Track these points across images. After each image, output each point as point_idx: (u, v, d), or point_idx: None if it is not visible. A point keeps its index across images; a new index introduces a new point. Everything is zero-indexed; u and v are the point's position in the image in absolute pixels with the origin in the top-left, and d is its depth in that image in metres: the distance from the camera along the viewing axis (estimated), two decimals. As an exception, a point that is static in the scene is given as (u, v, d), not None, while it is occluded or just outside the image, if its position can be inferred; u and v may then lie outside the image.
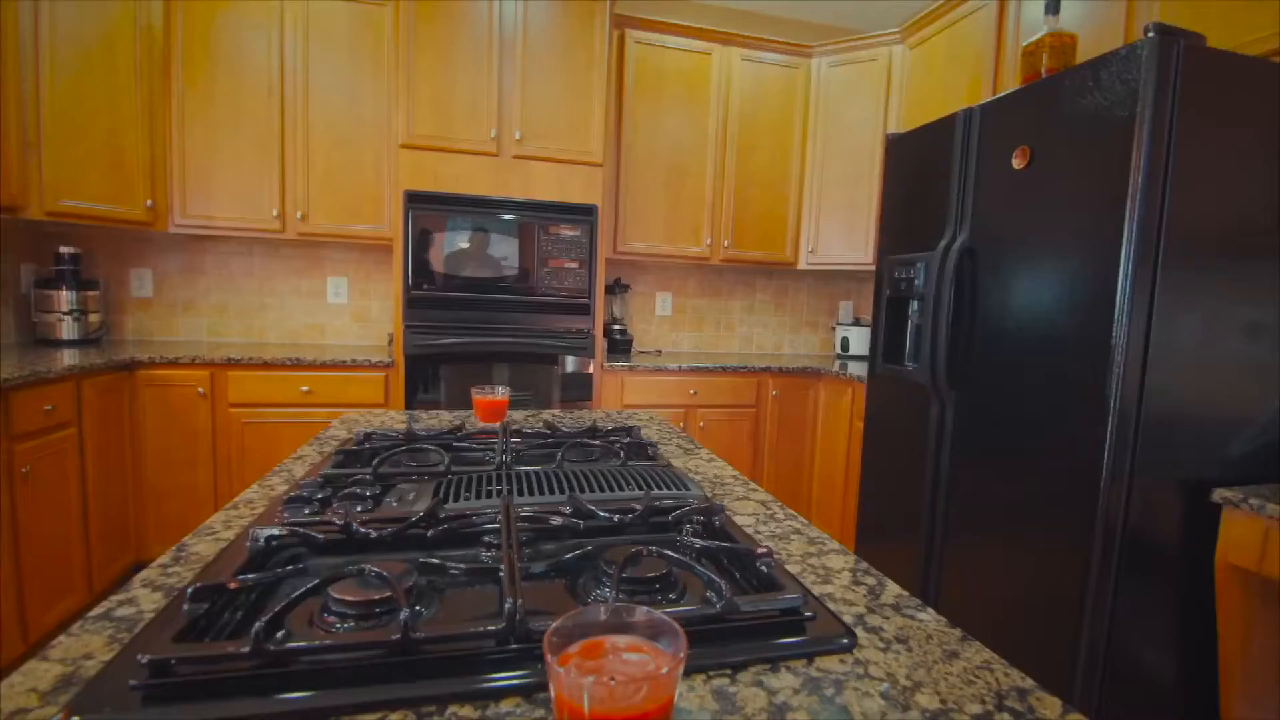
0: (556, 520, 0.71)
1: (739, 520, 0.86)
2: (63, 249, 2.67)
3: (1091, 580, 1.54)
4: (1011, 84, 2.42)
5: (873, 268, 3.26)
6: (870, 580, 0.69)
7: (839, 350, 3.67)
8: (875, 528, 2.47)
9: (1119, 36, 2.02)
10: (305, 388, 2.62)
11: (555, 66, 2.77)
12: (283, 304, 3.17)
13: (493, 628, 0.49)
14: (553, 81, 2.77)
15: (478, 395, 1.40)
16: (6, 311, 2.64)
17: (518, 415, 1.57)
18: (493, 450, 1.12)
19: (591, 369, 2.92)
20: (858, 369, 3.05)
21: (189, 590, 0.51)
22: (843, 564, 0.73)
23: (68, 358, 2.26)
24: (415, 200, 2.65)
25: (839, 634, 0.56)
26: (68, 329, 2.62)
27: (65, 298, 2.61)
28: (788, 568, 0.71)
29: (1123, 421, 1.50)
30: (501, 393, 1.42)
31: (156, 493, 2.52)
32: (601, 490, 0.85)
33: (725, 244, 3.37)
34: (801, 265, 3.50)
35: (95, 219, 2.49)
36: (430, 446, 1.00)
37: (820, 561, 0.73)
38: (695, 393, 3.08)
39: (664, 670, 0.35)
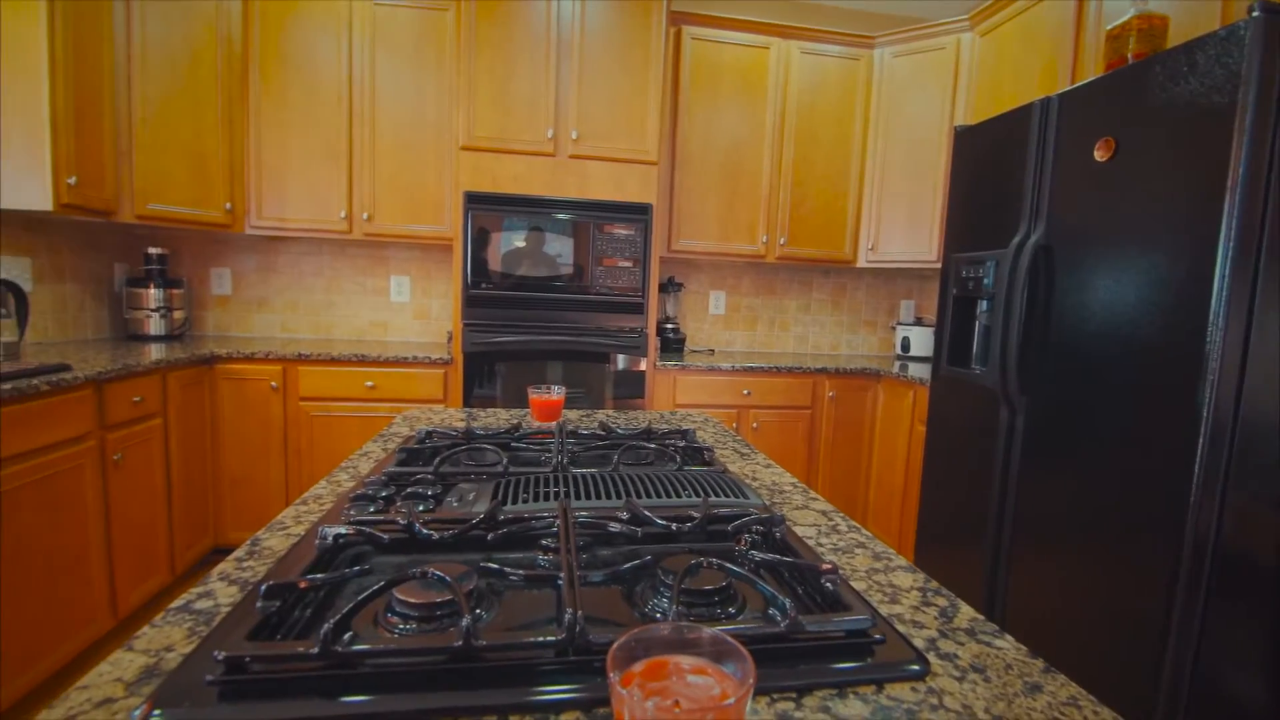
0: (615, 527, 0.70)
1: (799, 531, 0.84)
2: (151, 250, 2.85)
3: (1178, 600, 1.44)
4: (1092, 72, 2.28)
5: (937, 265, 3.14)
6: (941, 601, 0.65)
7: (899, 351, 3.55)
8: (936, 537, 2.38)
9: (1215, 18, 1.87)
10: (370, 383, 2.71)
11: (612, 66, 2.77)
12: (349, 302, 3.29)
13: (552, 639, 0.48)
14: (609, 81, 2.78)
15: (534, 395, 1.42)
16: (102, 308, 2.84)
17: (572, 415, 1.57)
18: (548, 450, 1.12)
19: (644, 368, 2.92)
20: (919, 370, 2.94)
21: (262, 588, 0.53)
22: (911, 582, 0.70)
23: (155, 352, 2.41)
24: (474, 201, 2.70)
25: (910, 660, 0.53)
26: (155, 325, 2.80)
27: (153, 295, 2.79)
28: (852, 584, 0.68)
29: (1217, 431, 1.39)
30: (557, 393, 1.43)
31: (232, 480, 2.66)
32: (658, 495, 0.84)
33: (781, 241, 3.31)
34: (860, 263, 3.40)
35: (180, 221, 2.65)
36: (489, 446, 1.01)
37: (887, 579, 0.70)
38: (748, 393, 3.03)
39: (730, 700, 0.34)
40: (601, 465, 1.04)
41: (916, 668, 0.52)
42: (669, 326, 3.40)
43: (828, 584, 0.60)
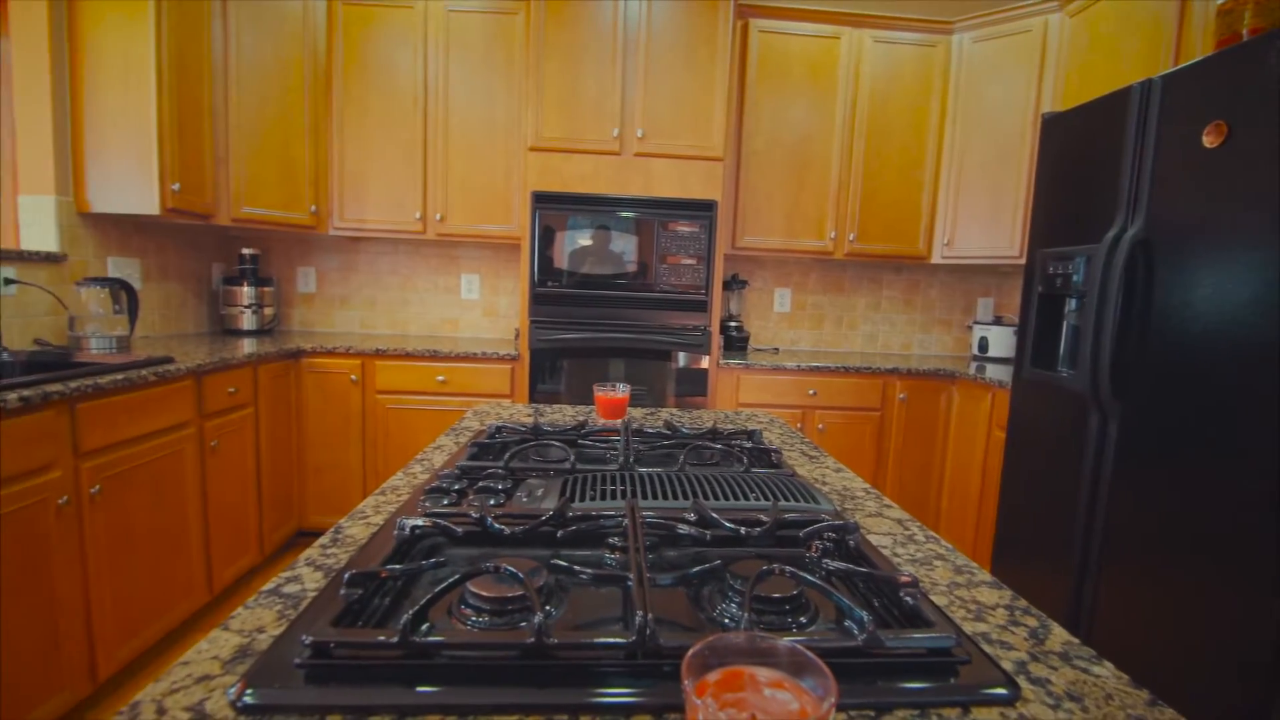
0: (684, 529, 0.69)
1: (873, 540, 0.81)
2: (244, 250, 3.05)
3: (1297, 633, 1.31)
4: (1199, 51, 2.10)
5: (1018, 261, 2.97)
6: (1031, 621, 0.62)
7: (976, 351, 3.39)
8: (1015, 550, 2.25)
9: (1352, -16, 1.68)
10: (441, 377, 2.80)
11: (678, 62, 2.76)
12: (422, 299, 3.42)
13: (623, 640, 0.48)
14: (674, 78, 2.76)
15: (600, 392, 1.43)
16: (201, 305, 3.05)
17: (636, 413, 1.58)
18: (614, 448, 1.13)
19: (707, 366, 2.89)
20: (998, 372, 2.79)
21: (345, 576, 0.55)
22: (996, 599, 0.66)
23: (247, 346, 2.57)
24: (542, 200, 2.75)
25: (998, 682, 0.50)
26: (247, 320, 2.99)
27: (246, 293, 2.97)
28: (932, 598, 0.65)
29: (1348, 447, 1.25)
30: (622, 390, 1.44)
31: (315, 468, 2.81)
32: (725, 498, 0.83)
33: (850, 237, 3.21)
34: (935, 259, 3.26)
35: (270, 223, 2.81)
36: (556, 443, 1.03)
37: (970, 594, 0.67)
38: (814, 393, 2.96)
39: (810, 719, 0.33)
40: (667, 465, 1.04)
41: (1005, 692, 0.49)
42: (732, 325, 3.36)
43: (907, 598, 0.57)
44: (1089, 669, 0.54)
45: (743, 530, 0.70)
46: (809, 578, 0.56)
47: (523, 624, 0.56)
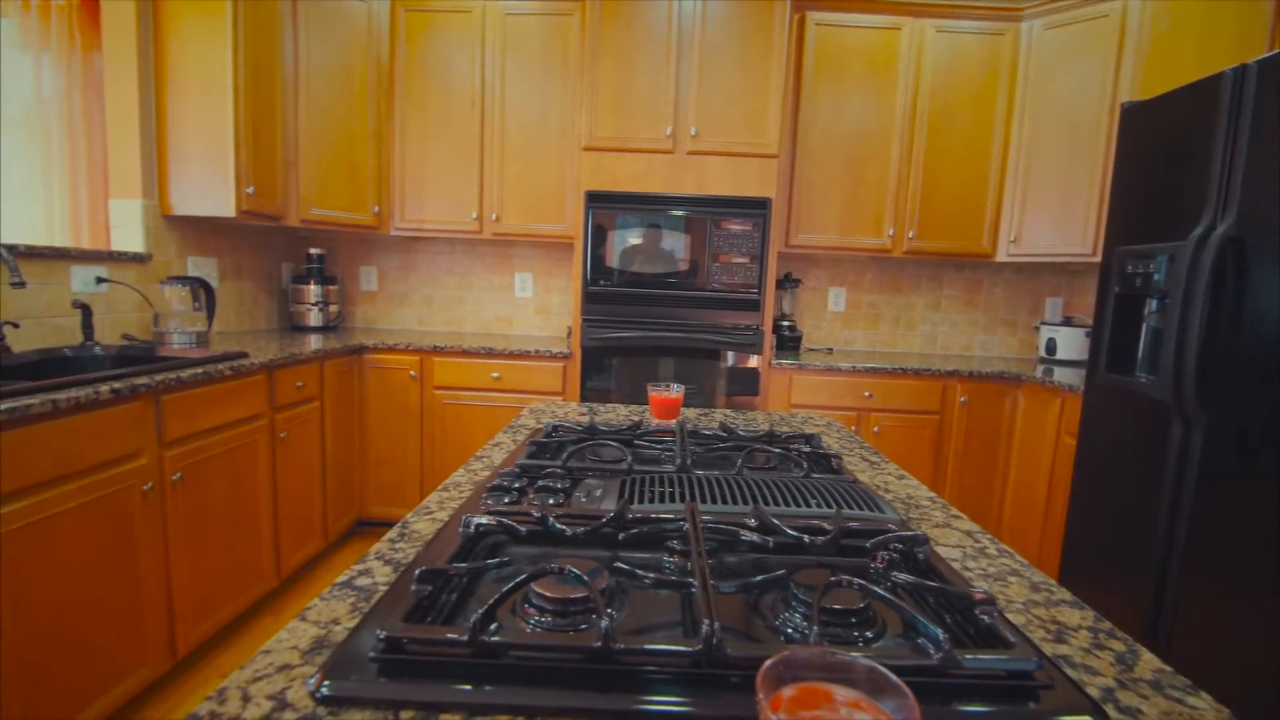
0: (747, 536, 0.68)
1: (941, 552, 0.78)
2: (312, 250, 3.18)
3: None
4: (1305, 30, 1.94)
5: (1091, 259, 2.83)
6: (1118, 645, 0.58)
7: (1043, 354, 3.24)
8: (1085, 564, 2.15)
9: None
10: (496, 374, 2.86)
11: (732, 59, 2.73)
12: (478, 297, 3.49)
13: (689, 649, 0.48)
14: (728, 75, 2.74)
15: (654, 392, 1.43)
16: (272, 302, 3.20)
17: (690, 413, 1.57)
18: (668, 449, 1.13)
19: (759, 366, 2.86)
20: (1067, 376, 2.66)
21: (416, 573, 0.57)
22: (1079, 620, 0.62)
23: (314, 342, 2.68)
24: (595, 200, 2.77)
25: (1083, 710, 0.47)
26: (314, 317, 3.12)
27: (313, 291, 3.10)
28: (1008, 617, 0.62)
29: None
30: (676, 391, 1.43)
31: (376, 460, 2.91)
32: (786, 504, 0.82)
33: (910, 235, 3.11)
34: (1000, 257, 3.13)
35: (335, 224, 2.92)
36: (612, 443, 1.03)
37: (1049, 614, 0.63)
38: (870, 395, 2.89)
39: (895, 744, 0.32)
40: (723, 467, 1.03)
41: (1092, 720, 0.46)
42: (785, 324, 3.31)
43: (983, 616, 0.55)
44: (1184, 700, 0.50)
45: (806, 538, 0.69)
46: (880, 591, 0.54)
47: (584, 626, 0.56)
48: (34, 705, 1.42)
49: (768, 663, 0.36)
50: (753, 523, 0.73)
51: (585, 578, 0.53)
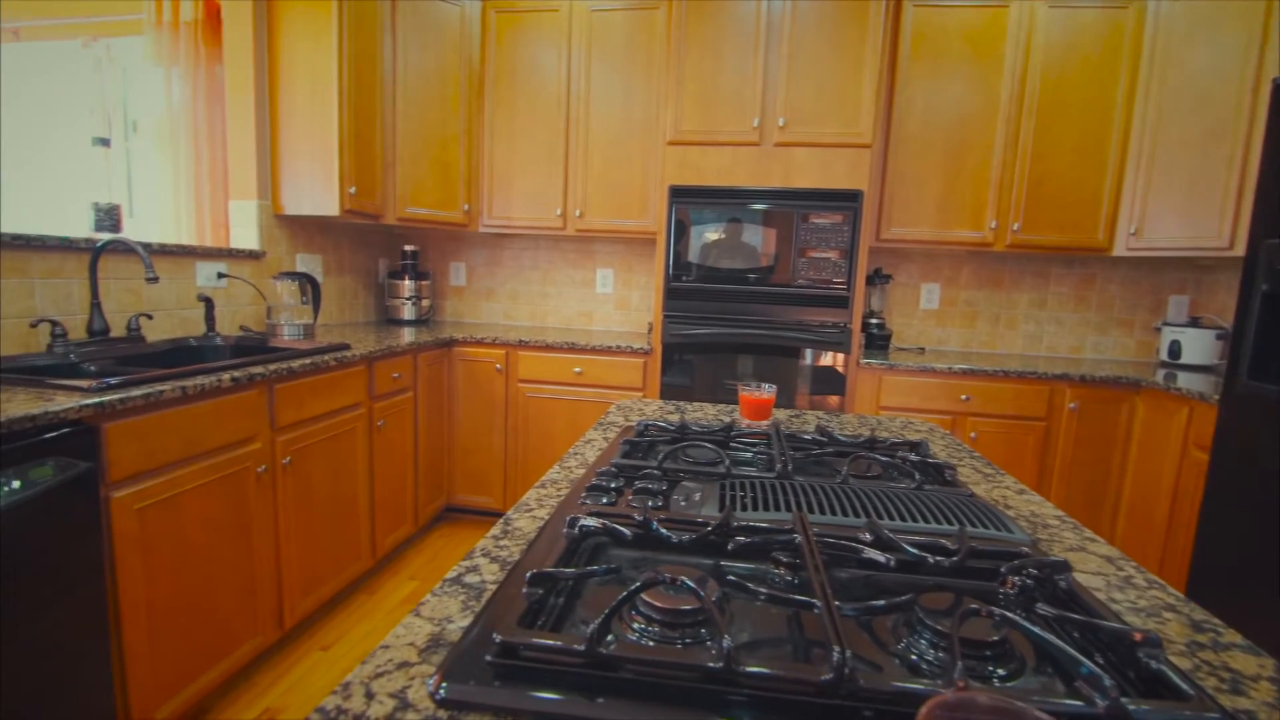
0: (869, 553, 0.64)
1: (1080, 579, 0.71)
2: (406, 247, 3.32)
3: None
4: None
5: (1227, 253, 2.54)
6: (1313, 703, 0.50)
7: (1165, 357, 2.96)
8: (1215, 590, 1.94)
9: None
10: (578, 369, 2.89)
11: (823, 47, 2.62)
12: (560, 293, 3.55)
13: (819, 678, 0.45)
14: (819, 62, 2.63)
15: (745, 392, 1.39)
16: (370, 296, 3.37)
17: (780, 414, 1.52)
18: (762, 452, 1.09)
19: (846, 365, 2.75)
20: (1194, 382, 2.41)
21: (527, 575, 0.56)
22: (1256, 668, 0.55)
23: (407, 335, 2.80)
24: (679, 195, 2.74)
25: (1286, 781, 0.41)
26: (407, 311, 3.26)
27: (407, 286, 3.24)
28: (1172, 660, 0.55)
29: None
30: (768, 391, 1.39)
31: (463, 449, 3.02)
32: (901, 518, 0.76)
33: (1014, 227, 2.91)
34: (1118, 250, 2.87)
35: (428, 222, 3.04)
36: (708, 445, 1.00)
37: (1219, 659, 0.56)
38: (967, 398, 2.72)
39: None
40: (825, 475, 0.98)
41: (1298, 795, 0.40)
42: (873, 322, 3.17)
43: (1148, 660, 0.49)
44: None
45: (930, 558, 0.64)
46: (1028, 625, 0.49)
47: (692, 640, 0.54)
48: (161, 669, 1.54)
49: (934, 703, 0.33)
50: (867, 537, 0.68)
51: (701, 593, 0.51)
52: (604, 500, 0.83)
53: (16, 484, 1.22)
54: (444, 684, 0.47)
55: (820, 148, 2.67)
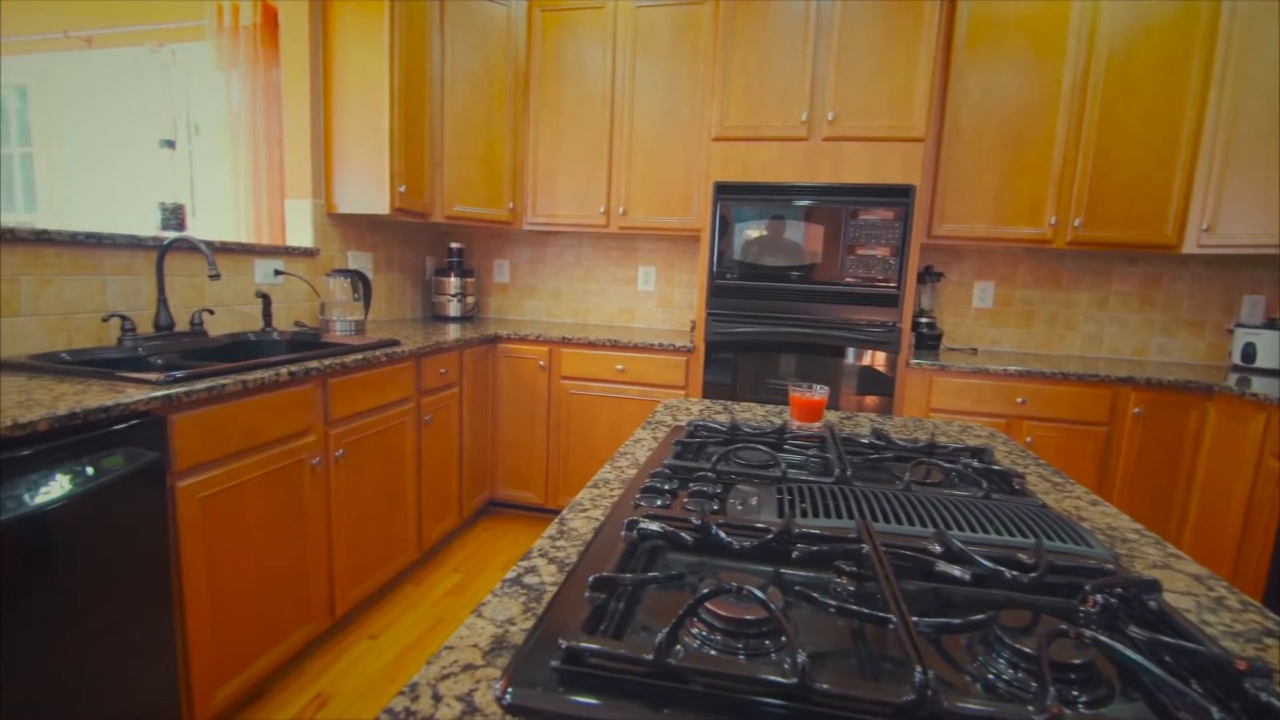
0: (945, 568, 0.61)
1: (1167, 599, 0.66)
2: (452, 244, 3.37)
3: None
4: None
5: (1318, 252, 2.39)
6: None
7: (1237, 360, 2.80)
8: (1303, 608, 1.81)
9: None
10: (620, 366, 2.89)
11: (876, 37, 2.56)
12: (602, 290, 3.55)
13: (899, 699, 0.43)
14: (872, 54, 2.57)
15: (796, 393, 1.36)
16: (417, 293, 3.44)
17: (832, 416, 1.49)
18: (814, 455, 1.06)
19: (894, 366, 2.68)
20: (1270, 387, 2.27)
21: (590, 580, 0.55)
22: (1378, 705, 0.50)
23: (453, 331, 2.84)
24: (724, 191, 2.71)
25: None
26: (453, 308, 3.31)
27: (453, 283, 3.29)
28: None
29: None
30: (819, 392, 1.36)
31: (506, 444, 3.05)
32: (970, 529, 0.73)
33: (1075, 223, 2.78)
34: (1188, 248, 2.72)
35: (474, 220, 3.08)
36: (761, 447, 0.98)
37: (1334, 692, 0.52)
38: (1023, 401, 2.62)
39: None
40: (883, 479, 0.95)
41: None
42: (923, 321, 3.08)
43: (1258, 692, 0.45)
44: None
45: (1007, 572, 0.61)
46: (1122, 648, 0.46)
47: (751, 652, 0.52)
48: (221, 651, 1.60)
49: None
50: (936, 548, 0.66)
51: (772, 605, 0.49)
52: (658, 502, 0.82)
53: (90, 471, 1.28)
54: (510, 689, 0.46)
55: (871, 142, 2.60)
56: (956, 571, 0.60)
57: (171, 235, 1.98)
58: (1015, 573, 0.61)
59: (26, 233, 1.67)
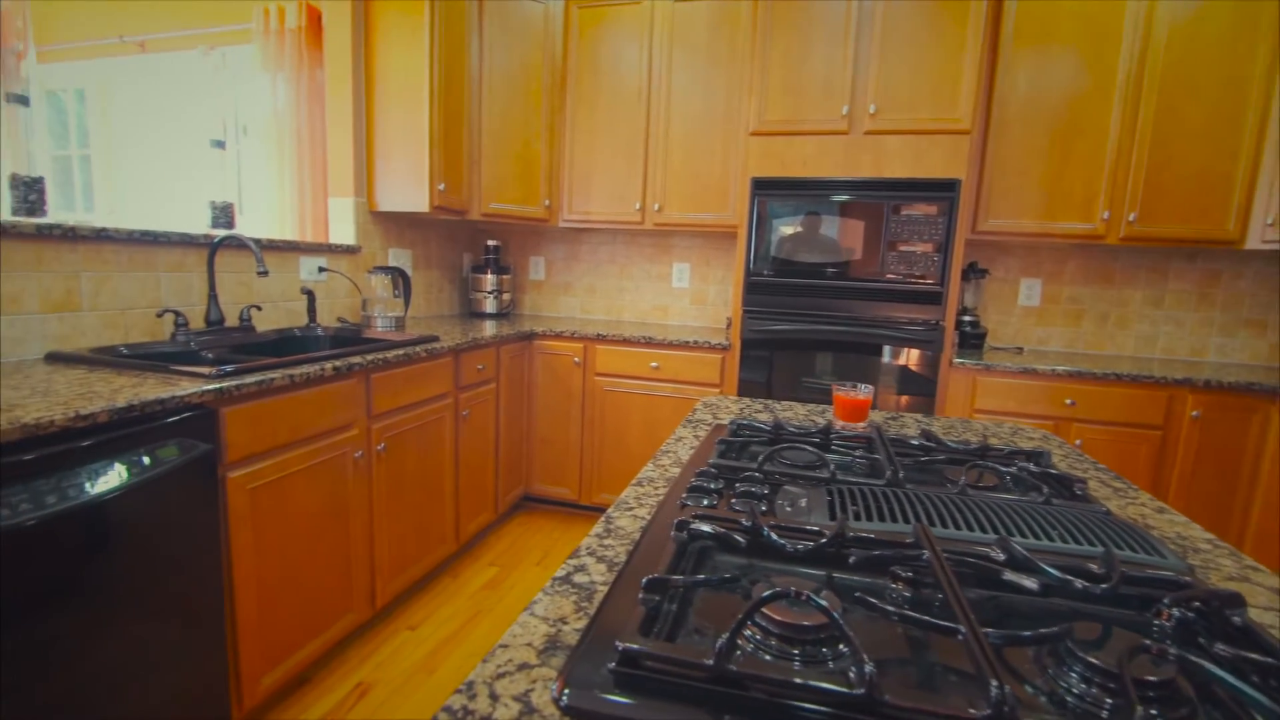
0: (1014, 577, 0.59)
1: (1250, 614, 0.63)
2: (489, 242, 3.40)
3: None
4: None
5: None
6: None
7: (1308, 362, 2.65)
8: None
9: None
10: (655, 364, 2.88)
11: (921, 27, 2.49)
12: (636, 287, 3.55)
13: (976, 714, 0.41)
14: (916, 45, 2.50)
15: (840, 392, 1.33)
16: (454, 290, 3.48)
17: (875, 416, 1.45)
18: (863, 455, 1.04)
19: (938, 366, 2.61)
20: (1354, 392, 2.15)
21: (644, 581, 0.55)
22: None
23: (490, 328, 2.86)
24: (761, 187, 2.68)
25: None
26: (489, 305, 3.34)
27: (489, 280, 3.32)
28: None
29: None
30: (864, 392, 1.33)
31: (541, 440, 3.07)
32: (1030, 535, 0.70)
33: (1130, 218, 2.68)
34: (1250, 243, 2.59)
35: (510, 218, 3.10)
36: (808, 447, 0.96)
37: None
38: (1072, 403, 2.53)
39: None
40: (934, 482, 0.92)
41: None
42: (967, 319, 3.00)
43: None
44: None
45: (1078, 583, 0.58)
46: (1213, 668, 0.44)
47: (806, 660, 0.51)
48: (268, 639, 1.64)
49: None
50: (1000, 556, 0.63)
51: (835, 614, 0.48)
52: (704, 502, 0.81)
53: (147, 460, 1.32)
54: (566, 689, 0.46)
55: (914, 135, 2.54)
56: (1027, 582, 0.57)
57: (222, 233, 2.04)
58: (1086, 583, 0.58)
59: (88, 231, 1.74)
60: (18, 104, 2.98)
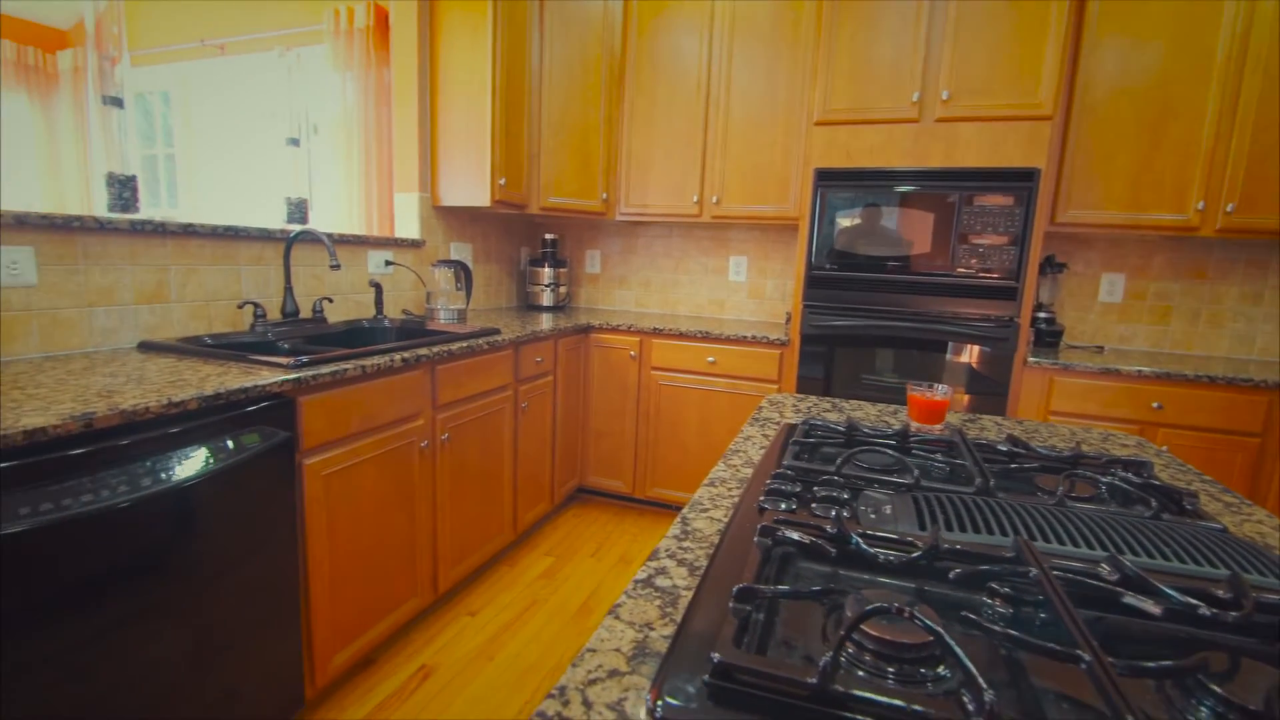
0: (1134, 600, 0.55)
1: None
2: (546, 235, 3.43)
3: None
4: None
5: None
6: None
7: None
8: None
9: None
10: (711, 359, 2.85)
11: (997, 7, 2.37)
12: (692, 280, 3.52)
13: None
14: (993, 27, 2.38)
15: (915, 392, 1.28)
16: (512, 283, 3.53)
17: (952, 418, 1.39)
18: (943, 460, 0.99)
19: (1010, 364, 2.49)
20: None
21: (735, 590, 0.53)
22: None
23: (547, 321, 2.89)
24: (825, 178, 2.60)
25: None
26: (546, 298, 3.37)
27: (546, 274, 3.35)
28: None
29: None
30: (941, 393, 1.27)
31: (596, 433, 3.09)
32: (1141, 553, 0.65)
33: (1228, 209, 2.48)
34: (1371, 236, 2.37)
35: (568, 211, 3.11)
36: (888, 451, 0.93)
37: None
38: (1159, 406, 2.38)
39: None
40: (1025, 491, 0.87)
41: None
42: (1042, 316, 2.85)
43: None
44: None
45: (1204, 609, 0.53)
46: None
47: (902, 679, 0.48)
48: (339, 619, 1.70)
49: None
50: (1113, 575, 0.59)
51: (947, 635, 0.45)
52: (783, 506, 0.78)
53: (231, 446, 1.39)
54: (660, 700, 0.45)
55: (990, 122, 2.42)
56: (1149, 606, 0.53)
57: (297, 228, 2.12)
58: (1214, 609, 0.53)
59: (176, 226, 1.83)
60: (113, 106, 3.17)
